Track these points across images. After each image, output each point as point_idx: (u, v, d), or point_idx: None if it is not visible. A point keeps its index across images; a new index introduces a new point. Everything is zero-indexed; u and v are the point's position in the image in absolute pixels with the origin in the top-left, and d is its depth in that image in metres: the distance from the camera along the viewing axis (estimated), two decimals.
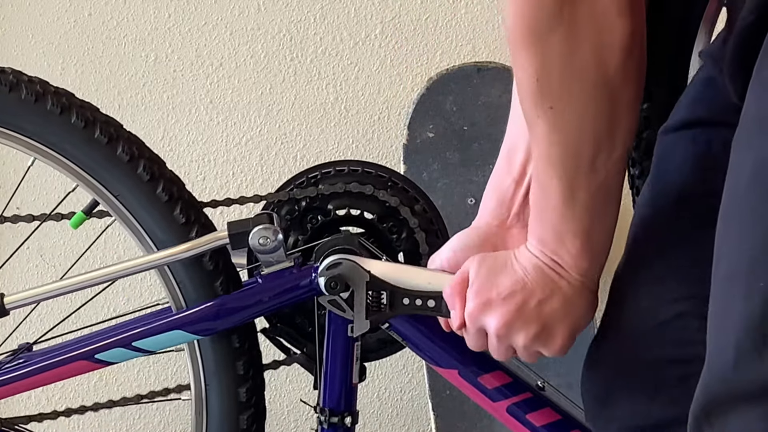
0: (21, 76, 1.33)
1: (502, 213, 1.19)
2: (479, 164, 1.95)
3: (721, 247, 0.94)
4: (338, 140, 2.06)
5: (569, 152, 1.02)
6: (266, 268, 1.33)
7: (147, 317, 1.37)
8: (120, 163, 1.33)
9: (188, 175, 2.03)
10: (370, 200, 1.39)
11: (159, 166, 1.36)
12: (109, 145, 1.33)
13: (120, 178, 1.33)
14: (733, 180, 0.95)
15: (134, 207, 1.34)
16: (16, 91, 1.32)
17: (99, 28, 2.02)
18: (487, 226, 1.20)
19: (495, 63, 1.98)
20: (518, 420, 1.30)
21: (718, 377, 0.90)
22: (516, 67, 1.00)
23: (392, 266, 1.28)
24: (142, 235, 1.35)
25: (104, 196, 1.34)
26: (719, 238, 0.94)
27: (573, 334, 1.13)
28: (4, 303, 1.34)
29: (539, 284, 1.10)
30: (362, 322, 1.25)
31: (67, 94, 1.35)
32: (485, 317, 1.12)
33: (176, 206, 1.34)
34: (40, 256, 2.01)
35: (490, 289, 1.12)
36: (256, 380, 1.40)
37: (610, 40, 0.97)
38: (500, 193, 1.19)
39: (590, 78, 0.98)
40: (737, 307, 0.89)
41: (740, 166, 0.94)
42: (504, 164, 1.20)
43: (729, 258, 0.92)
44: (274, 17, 2.03)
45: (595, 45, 0.97)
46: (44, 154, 1.34)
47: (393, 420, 2.13)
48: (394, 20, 2.04)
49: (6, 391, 1.37)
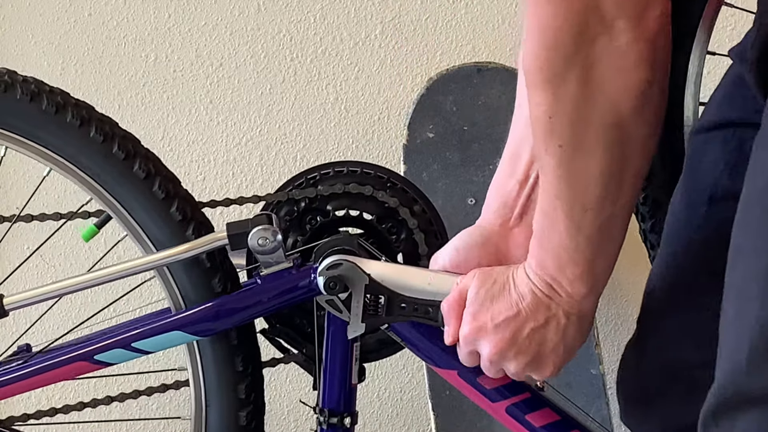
0: (15, 77, 1.33)
1: (505, 213, 1.20)
2: (479, 164, 1.95)
3: (736, 248, 0.94)
4: (338, 140, 2.06)
5: (576, 190, 1.02)
6: (265, 269, 1.33)
7: (146, 318, 1.37)
8: (116, 160, 1.33)
9: (188, 176, 2.03)
10: (369, 201, 1.39)
11: (155, 163, 1.35)
12: (104, 143, 1.32)
13: (116, 176, 1.33)
14: (751, 181, 0.95)
15: (131, 204, 1.33)
16: (11, 91, 1.31)
17: (99, 28, 2.02)
18: (490, 225, 1.20)
19: (495, 63, 1.98)
20: (517, 420, 1.30)
21: (730, 379, 0.91)
22: (530, 103, 1.00)
23: (392, 267, 1.28)
24: (138, 232, 1.34)
25: (100, 194, 1.34)
26: (735, 239, 0.94)
27: (565, 360, 1.14)
28: (4, 304, 1.34)
29: (534, 312, 1.10)
30: (358, 324, 1.25)
31: (62, 93, 1.34)
32: (479, 342, 1.14)
33: (173, 204, 1.34)
34: (40, 256, 2.01)
35: (485, 315, 1.12)
36: (255, 376, 1.40)
37: (624, 86, 0.96)
38: (504, 193, 1.20)
39: (603, 122, 0.97)
40: (753, 310, 0.89)
41: (759, 167, 0.94)
42: (507, 165, 1.20)
43: (745, 260, 0.92)
44: (274, 17, 2.03)
45: (610, 90, 0.96)
46: (29, 148, 1.33)
47: (393, 420, 2.13)
48: (394, 20, 2.04)
49: (6, 391, 1.37)
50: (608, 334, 2.11)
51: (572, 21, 0.94)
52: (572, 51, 0.94)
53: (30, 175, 1.98)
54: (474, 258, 1.19)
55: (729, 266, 0.94)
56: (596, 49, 0.94)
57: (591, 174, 1.00)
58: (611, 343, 2.12)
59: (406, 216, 1.38)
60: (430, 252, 1.30)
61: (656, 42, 0.96)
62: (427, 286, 1.22)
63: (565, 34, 0.94)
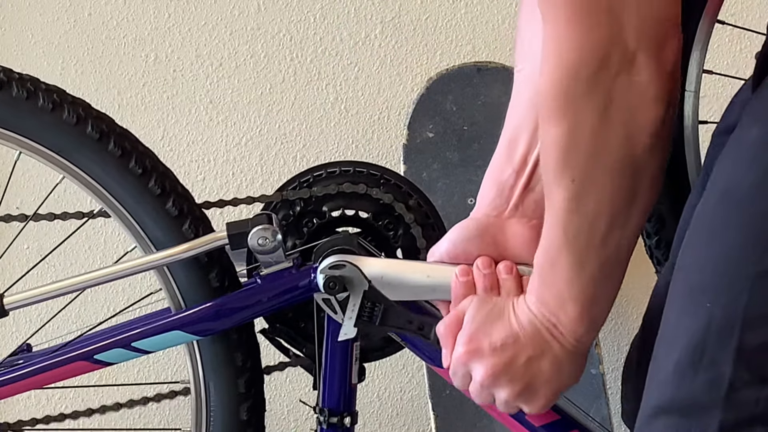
0: (11, 74, 1.32)
1: (501, 204, 1.18)
2: (479, 164, 1.95)
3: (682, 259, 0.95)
4: (338, 140, 2.06)
5: (584, 225, 1.01)
6: (265, 269, 1.33)
7: (146, 318, 1.37)
8: (112, 157, 1.32)
9: (188, 175, 2.03)
10: (363, 199, 1.38)
11: (151, 159, 1.35)
12: (100, 140, 1.32)
13: (111, 172, 1.33)
14: (706, 196, 0.95)
15: (126, 200, 1.33)
16: (7, 89, 1.31)
17: (99, 28, 2.02)
18: (485, 217, 1.19)
19: (495, 63, 1.98)
20: (517, 420, 1.30)
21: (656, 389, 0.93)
22: (543, 133, 0.99)
23: (391, 262, 1.28)
24: (136, 229, 1.34)
25: (97, 190, 1.34)
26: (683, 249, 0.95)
27: (556, 395, 1.13)
28: (4, 303, 1.34)
29: (532, 341, 1.09)
30: (350, 328, 1.25)
31: (58, 90, 1.34)
32: (473, 364, 1.12)
33: (168, 199, 1.33)
34: (40, 256, 2.01)
35: (483, 338, 1.11)
36: (254, 371, 1.40)
37: (642, 122, 0.95)
38: (500, 183, 1.18)
39: (617, 155, 0.96)
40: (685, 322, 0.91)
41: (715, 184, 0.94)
42: (504, 154, 1.18)
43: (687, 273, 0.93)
44: (274, 17, 2.03)
45: (626, 124, 0.95)
46: (31, 149, 1.33)
47: (393, 420, 2.13)
48: (394, 20, 2.04)
49: (6, 391, 1.37)
50: (608, 334, 2.11)
51: (594, 52, 0.92)
52: (592, 83, 0.93)
53: (29, 175, 1.98)
54: (472, 250, 1.18)
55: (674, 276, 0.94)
56: (617, 83, 0.93)
57: (600, 209, 0.99)
58: (611, 343, 2.12)
59: (402, 211, 1.38)
60: (428, 245, 1.30)
61: (674, 75, 0.95)
62: (426, 279, 1.22)
63: (586, 66, 0.92)
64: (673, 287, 0.95)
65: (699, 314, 0.90)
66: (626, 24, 0.91)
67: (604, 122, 0.94)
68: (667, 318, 0.95)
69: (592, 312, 1.07)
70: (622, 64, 0.92)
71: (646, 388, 0.96)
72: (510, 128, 1.18)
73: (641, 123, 0.95)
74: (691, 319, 0.91)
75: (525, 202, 1.17)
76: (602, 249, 1.02)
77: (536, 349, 1.09)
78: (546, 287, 1.07)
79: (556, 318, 1.08)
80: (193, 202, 1.37)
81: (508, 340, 1.10)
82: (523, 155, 1.16)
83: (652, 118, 0.95)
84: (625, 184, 0.98)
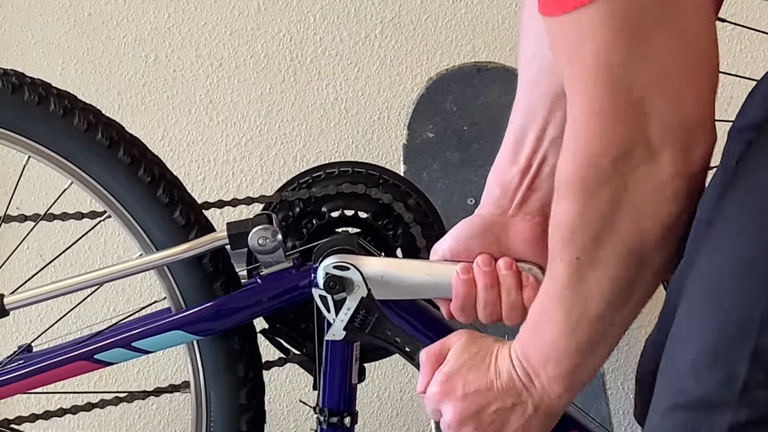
0: (24, 79, 1.33)
1: (505, 202, 1.19)
2: (479, 164, 1.95)
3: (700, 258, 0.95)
4: (338, 140, 2.06)
5: (580, 301, 1.01)
6: (265, 269, 1.33)
7: (146, 318, 1.37)
8: (121, 164, 1.33)
9: (188, 176, 2.03)
10: (362, 199, 1.39)
11: (160, 167, 1.35)
12: (110, 147, 1.32)
13: (120, 179, 1.33)
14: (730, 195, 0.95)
15: (134, 208, 1.33)
16: (19, 93, 1.31)
17: (99, 28, 2.02)
18: (489, 214, 1.20)
19: (495, 63, 1.98)
20: None
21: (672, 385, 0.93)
22: (556, 205, 0.99)
23: (392, 261, 1.29)
24: (141, 235, 1.34)
25: (103, 196, 1.34)
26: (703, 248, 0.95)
27: None
28: (4, 303, 1.34)
29: (505, 393, 1.10)
30: (339, 330, 1.26)
31: (70, 96, 1.34)
32: (444, 405, 1.13)
33: (176, 208, 1.34)
34: (39, 256, 2.01)
35: (458, 381, 1.12)
36: (256, 382, 1.40)
37: (654, 217, 0.95)
38: (504, 182, 1.18)
39: (625, 245, 0.97)
40: (701, 321, 0.91)
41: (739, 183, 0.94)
42: (509, 153, 1.18)
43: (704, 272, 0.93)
44: (274, 17, 2.03)
45: (639, 218, 0.95)
46: (41, 154, 1.33)
47: (393, 420, 2.13)
48: (394, 20, 2.04)
49: (6, 391, 1.38)
50: None
51: (617, 146, 0.92)
52: (611, 173, 0.93)
53: (30, 174, 1.98)
54: (474, 247, 1.19)
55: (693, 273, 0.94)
56: (635, 176, 0.93)
57: (599, 291, 1.00)
58: None
59: (401, 210, 1.38)
60: (428, 244, 1.31)
61: (697, 177, 0.95)
62: (427, 277, 1.23)
63: (608, 157, 0.92)
64: (690, 285, 0.95)
65: (716, 314, 0.90)
66: (652, 123, 0.91)
67: (615, 211, 0.95)
68: (682, 315, 0.95)
69: (572, 377, 1.07)
70: (645, 159, 0.92)
71: (658, 384, 0.96)
72: (516, 128, 1.18)
73: (653, 217, 0.95)
74: (707, 319, 0.90)
75: (529, 201, 1.17)
76: (595, 325, 1.03)
77: (507, 401, 1.10)
78: (533, 341, 1.08)
79: (534, 374, 1.08)
80: (200, 211, 1.37)
81: (482, 388, 1.11)
82: (529, 156, 1.17)
83: (666, 214, 0.95)
84: (628, 272, 0.99)
